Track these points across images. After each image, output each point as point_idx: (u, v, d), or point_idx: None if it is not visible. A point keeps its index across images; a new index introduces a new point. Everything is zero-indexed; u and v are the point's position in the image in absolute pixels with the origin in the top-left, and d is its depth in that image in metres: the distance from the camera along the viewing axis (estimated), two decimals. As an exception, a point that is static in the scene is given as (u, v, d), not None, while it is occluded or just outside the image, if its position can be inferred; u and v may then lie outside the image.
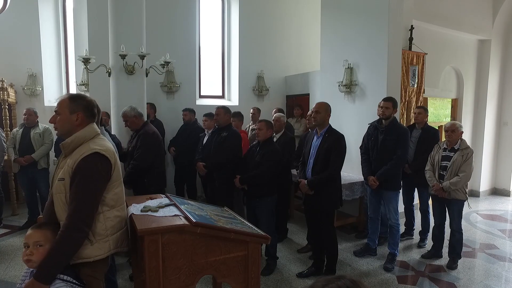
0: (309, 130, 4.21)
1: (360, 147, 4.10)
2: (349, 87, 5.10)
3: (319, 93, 5.95)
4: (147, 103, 4.51)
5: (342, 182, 3.56)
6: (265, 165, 3.46)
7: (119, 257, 3.66)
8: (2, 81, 5.17)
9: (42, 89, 6.23)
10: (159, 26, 5.86)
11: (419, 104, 5.21)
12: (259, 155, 3.55)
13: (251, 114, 5.71)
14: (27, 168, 4.72)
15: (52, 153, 4.96)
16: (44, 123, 4.79)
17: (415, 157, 4.20)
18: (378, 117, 3.84)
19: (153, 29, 5.45)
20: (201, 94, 6.83)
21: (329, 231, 3.41)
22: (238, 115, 4.93)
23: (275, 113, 4.77)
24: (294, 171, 4.42)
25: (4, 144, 4.72)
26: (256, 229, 2.18)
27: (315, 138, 3.41)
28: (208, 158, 4.11)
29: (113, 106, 4.23)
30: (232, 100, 6.98)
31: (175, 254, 1.83)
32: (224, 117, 4.08)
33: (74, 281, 1.67)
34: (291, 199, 5.21)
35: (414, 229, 4.61)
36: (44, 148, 4.78)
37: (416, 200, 4.53)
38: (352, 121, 5.09)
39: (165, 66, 4.36)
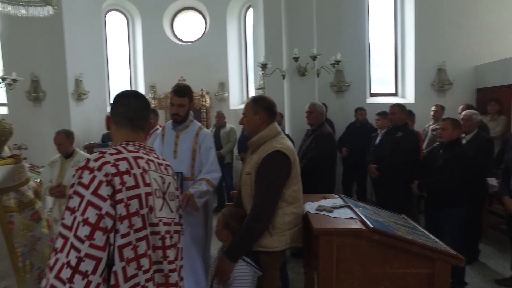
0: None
1: None
2: None
3: (527, 83, 4.69)
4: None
5: None
6: (450, 170, 2.99)
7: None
8: (202, 90, 6.39)
9: (228, 94, 7.38)
10: (328, 26, 5.87)
11: None
12: (442, 158, 3.10)
13: (432, 112, 5.08)
14: (217, 162, 5.65)
15: (235, 150, 5.73)
16: (229, 124, 5.63)
17: None
18: None
19: (322, 30, 5.51)
20: (372, 92, 6.52)
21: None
22: (408, 113, 4.47)
23: (462, 110, 4.04)
24: (492, 181, 3.61)
25: None
26: (444, 245, 1.87)
27: (527, 140, 2.68)
28: (381, 160, 3.89)
29: (287, 107, 4.54)
30: (407, 98, 6.34)
31: (349, 258, 1.78)
32: (400, 116, 3.82)
33: (254, 264, 1.86)
34: (485, 214, 4.28)
35: None
36: (230, 146, 5.62)
37: None
38: None
39: (335, 65, 4.39)
